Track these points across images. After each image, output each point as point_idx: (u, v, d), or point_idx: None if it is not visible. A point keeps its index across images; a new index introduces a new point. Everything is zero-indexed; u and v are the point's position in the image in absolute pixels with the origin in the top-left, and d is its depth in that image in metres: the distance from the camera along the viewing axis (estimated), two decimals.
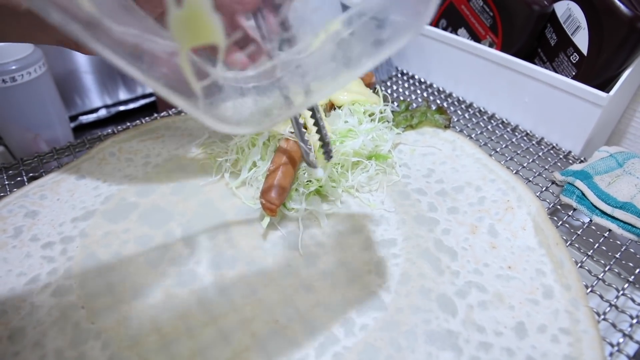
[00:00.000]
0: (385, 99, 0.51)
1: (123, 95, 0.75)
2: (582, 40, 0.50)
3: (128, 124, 0.53)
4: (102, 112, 0.65)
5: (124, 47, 0.18)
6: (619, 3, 0.45)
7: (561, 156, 0.51)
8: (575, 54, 0.51)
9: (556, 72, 0.53)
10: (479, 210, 0.41)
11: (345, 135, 0.43)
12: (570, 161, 0.50)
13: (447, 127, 0.51)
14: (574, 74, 0.52)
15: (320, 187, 0.41)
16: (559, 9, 0.52)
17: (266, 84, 0.24)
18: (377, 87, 0.54)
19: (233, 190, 0.42)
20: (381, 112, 0.48)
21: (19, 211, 0.40)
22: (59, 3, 0.16)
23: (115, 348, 0.29)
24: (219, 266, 0.35)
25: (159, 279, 0.34)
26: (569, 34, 0.51)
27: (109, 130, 0.53)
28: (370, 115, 0.47)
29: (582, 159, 0.50)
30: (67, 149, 0.50)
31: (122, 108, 0.76)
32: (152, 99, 0.80)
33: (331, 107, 0.47)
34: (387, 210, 0.41)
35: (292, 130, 0.40)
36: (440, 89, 0.64)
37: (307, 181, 0.40)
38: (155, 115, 0.56)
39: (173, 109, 0.58)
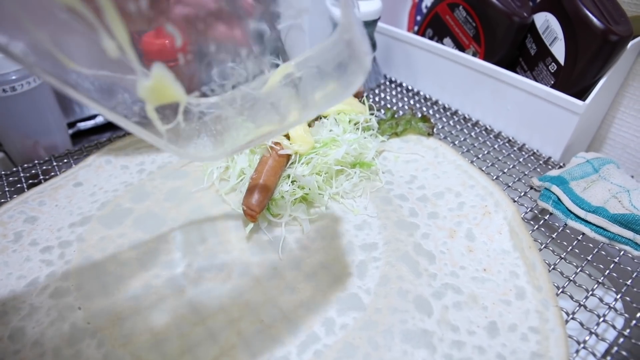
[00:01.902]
0: (370, 109, 0.53)
1: None
2: (559, 51, 0.51)
3: (124, 131, 0.55)
4: (100, 119, 0.67)
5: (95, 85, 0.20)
6: (592, 17, 0.47)
7: (541, 162, 0.53)
8: (553, 63, 0.53)
9: (536, 80, 0.55)
10: (458, 215, 0.42)
11: (328, 144, 0.44)
12: (550, 167, 0.52)
13: (430, 134, 0.52)
14: (552, 82, 0.53)
15: (306, 194, 0.42)
16: (538, 20, 0.54)
17: (229, 112, 0.26)
18: (365, 96, 0.56)
19: (223, 196, 0.44)
20: (366, 122, 0.50)
21: (19, 217, 0.42)
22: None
23: (109, 346, 0.31)
24: (208, 269, 0.37)
25: (152, 282, 0.36)
26: (547, 45, 0.53)
27: (107, 137, 0.54)
28: (355, 125, 0.49)
29: (561, 164, 0.52)
30: (65, 156, 0.52)
31: None
32: None
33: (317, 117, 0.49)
34: (370, 215, 0.42)
35: (275, 140, 0.42)
36: (427, 96, 0.65)
37: (294, 188, 0.42)
38: None
39: None
